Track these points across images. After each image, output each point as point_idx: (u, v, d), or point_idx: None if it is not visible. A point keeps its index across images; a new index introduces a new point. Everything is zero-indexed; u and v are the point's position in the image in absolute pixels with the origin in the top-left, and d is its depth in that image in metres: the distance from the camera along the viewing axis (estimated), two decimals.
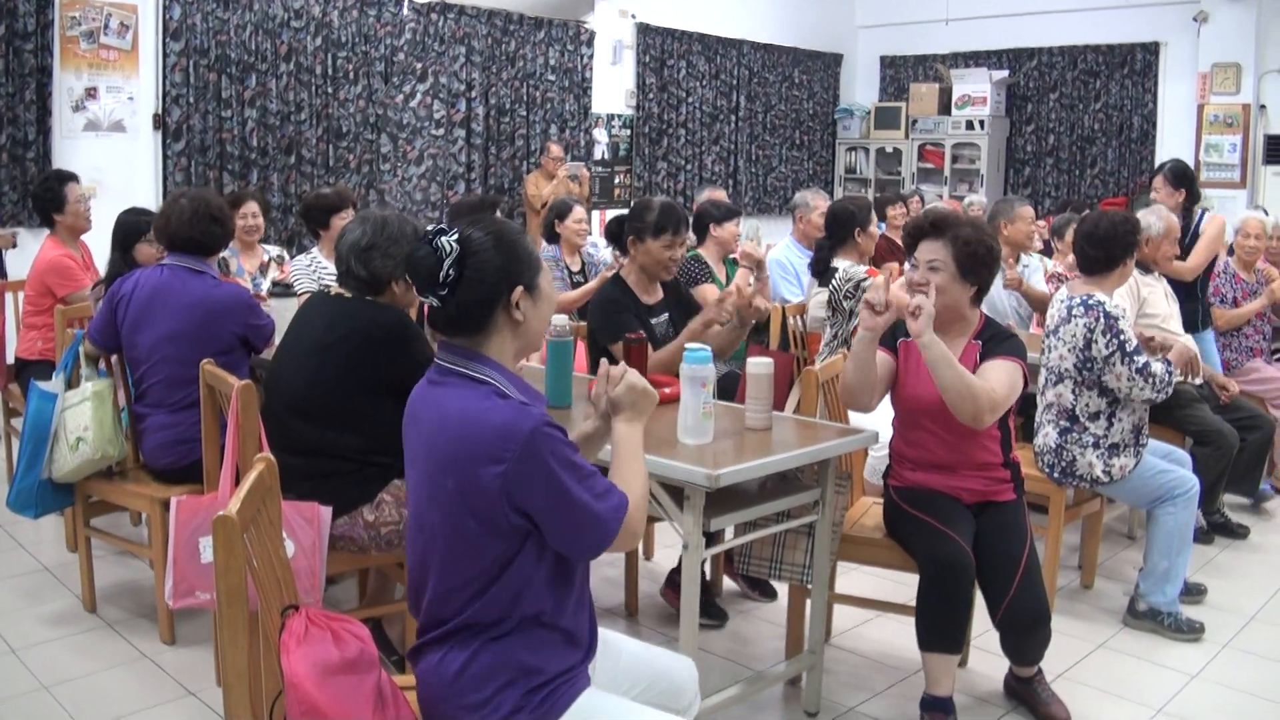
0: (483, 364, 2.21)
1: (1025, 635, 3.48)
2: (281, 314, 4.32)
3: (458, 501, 2.13)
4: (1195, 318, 5.84)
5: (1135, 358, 4.13)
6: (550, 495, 2.10)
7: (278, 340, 3.99)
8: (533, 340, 2.31)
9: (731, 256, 5.83)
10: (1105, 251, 4.33)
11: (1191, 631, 4.28)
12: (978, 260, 3.55)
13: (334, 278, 3.78)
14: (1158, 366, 4.18)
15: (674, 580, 4.35)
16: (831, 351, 5.11)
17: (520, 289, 2.22)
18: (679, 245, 4.32)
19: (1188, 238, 5.85)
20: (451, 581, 2.18)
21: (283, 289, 5.28)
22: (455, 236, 2.20)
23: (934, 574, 3.38)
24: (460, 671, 2.16)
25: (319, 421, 3.32)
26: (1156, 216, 5.32)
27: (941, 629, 3.38)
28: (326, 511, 3.15)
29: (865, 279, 5.18)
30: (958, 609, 3.39)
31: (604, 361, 2.52)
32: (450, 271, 2.17)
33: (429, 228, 2.26)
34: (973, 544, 3.42)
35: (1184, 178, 6.12)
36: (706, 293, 4.33)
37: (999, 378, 3.44)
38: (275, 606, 2.08)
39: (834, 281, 5.29)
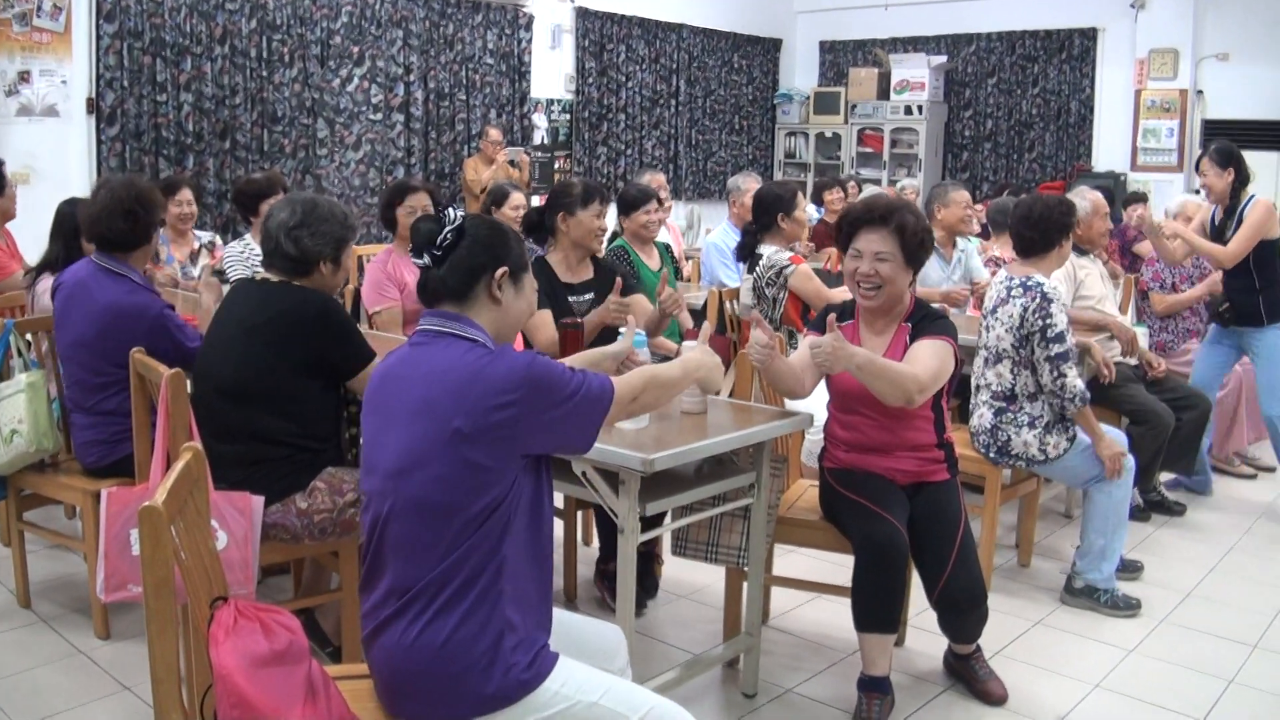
0: (471, 326, 2.37)
1: (962, 614, 3.51)
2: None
3: (468, 440, 2.22)
4: (1255, 309, 5.53)
5: (1052, 345, 4.17)
6: (559, 407, 2.32)
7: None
8: (508, 328, 2.47)
9: (664, 243, 5.77)
10: (1040, 233, 4.37)
11: (1128, 608, 4.34)
12: (921, 247, 3.57)
13: None
14: (1077, 383, 4.20)
15: (602, 570, 4.36)
16: None
17: (505, 270, 2.42)
18: (605, 215, 4.44)
19: (1234, 222, 5.51)
20: (445, 533, 2.22)
21: (216, 275, 5.22)
22: (462, 213, 2.44)
23: (869, 555, 3.39)
24: (450, 636, 2.21)
25: (248, 405, 3.28)
26: (1081, 196, 5.39)
27: (877, 610, 3.39)
28: (258, 501, 3.12)
29: (788, 266, 5.19)
30: (893, 590, 3.40)
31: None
32: (448, 236, 2.38)
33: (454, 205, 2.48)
34: (908, 525, 3.45)
35: (1231, 157, 5.65)
36: (638, 304, 4.29)
37: (926, 358, 3.45)
38: (204, 598, 2.06)
39: (758, 269, 5.30)
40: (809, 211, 9.03)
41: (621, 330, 3.28)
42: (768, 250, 5.31)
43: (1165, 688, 3.79)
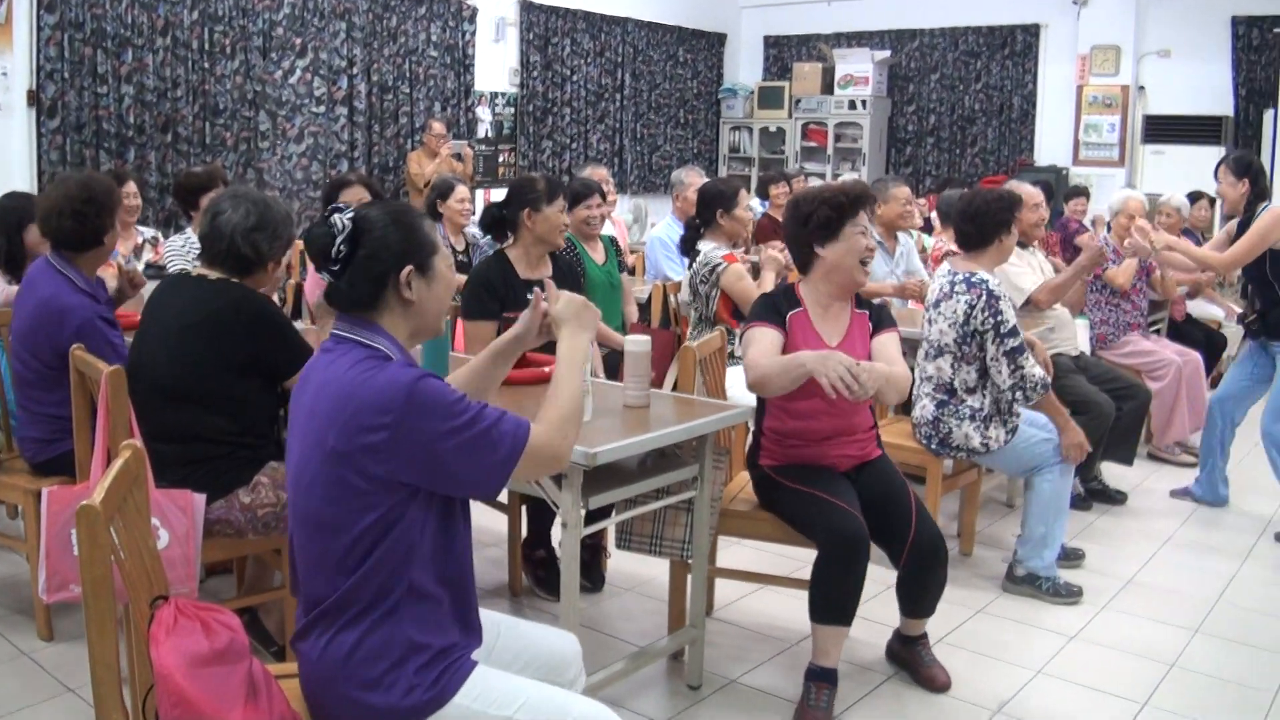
0: (376, 333, 2.25)
1: (930, 572, 3.58)
2: None
3: (341, 460, 2.12)
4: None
5: (1007, 339, 4.23)
6: (441, 440, 2.12)
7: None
8: (429, 321, 2.34)
9: (610, 236, 5.79)
10: (978, 228, 4.43)
11: (1069, 595, 4.40)
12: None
13: None
14: (1035, 370, 4.27)
15: (528, 556, 4.38)
16: (699, 334, 5.13)
17: (410, 269, 2.25)
18: (565, 210, 4.45)
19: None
20: (334, 548, 2.15)
21: (156, 271, 5.17)
22: (350, 215, 2.25)
23: (833, 549, 3.40)
24: (350, 652, 2.14)
25: (186, 404, 3.26)
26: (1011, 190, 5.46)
27: (838, 601, 3.41)
28: (200, 498, 3.10)
29: (720, 264, 5.20)
30: (857, 581, 3.42)
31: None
32: (342, 248, 2.22)
33: (331, 206, 2.30)
34: (861, 508, 3.50)
35: (1249, 168, 5.42)
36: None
37: (895, 352, 3.61)
38: (144, 598, 2.04)
39: (694, 265, 5.32)
40: (754, 206, 9.11)
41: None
42: (705, 247, 5.32)
43: (1107, 673, 3.85)
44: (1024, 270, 5.51)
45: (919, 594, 3.67)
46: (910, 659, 3.76)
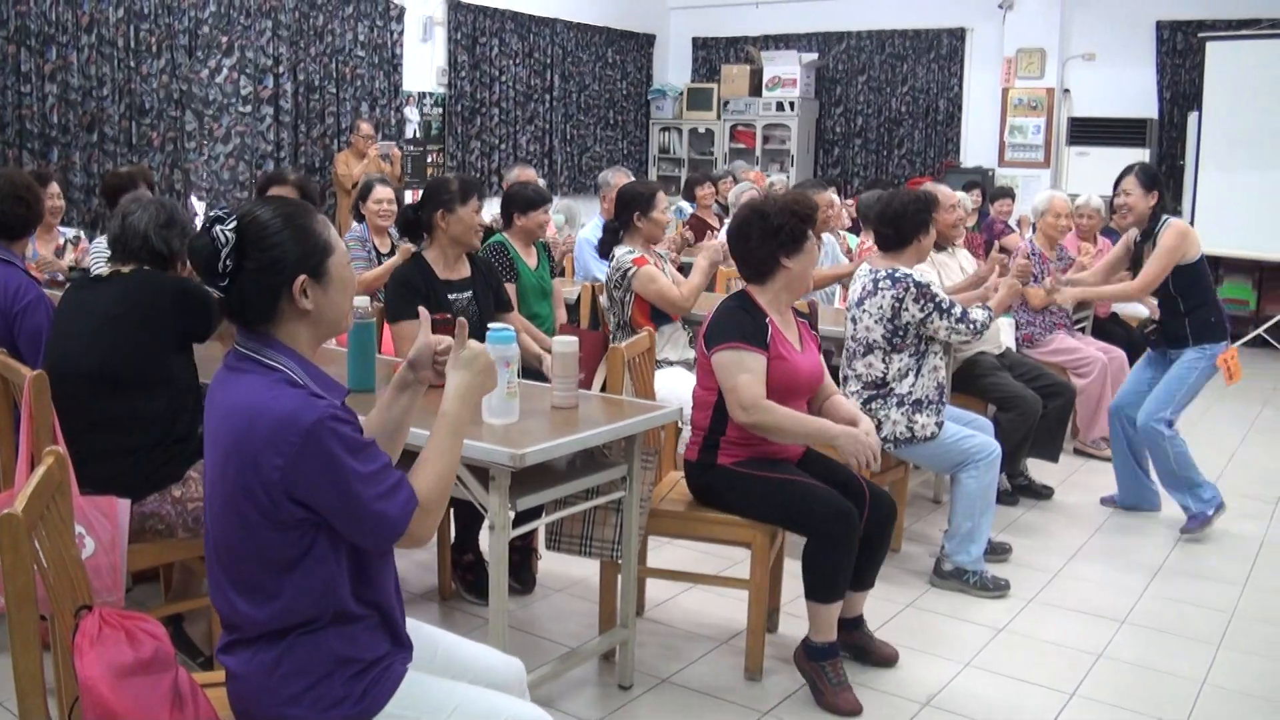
0: (276, 350, 2.11)
1: (886, 529, 3.73)
2: None
3: (240, 492, 2.03)
4: (1182, 332, 5.26)
5: (950, 311, 4.37)
6: (333, 492, 2.02)
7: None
8: (330, 327, 2.20)
9: (542, 240, 5.78)
10: (896, 229, 4.50)
11: (997, 588, 4.48)
12: None
13: None
14: (978, 313, 4.48)
15: (457, 562, 4.38)
16: (617, 340, 5.12)
17: (304, 278, 2.10)
18: (482, 210, 4.45)
19: (1150, 245, 5.25)
20: (249, 575, 2.10)
21: (79, 272, 5.10)
22: (233, 225, 2.08)
23: (830, 528, 3.51)
24: (274, 666, 2.10)
25: (120, 390, 3.30)
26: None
27: (837, 579, 3.55)
28: (124, 504, 3.08)
29: (631, 268, 5.17)
30: (852, 555, 3.57)
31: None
32: (228, 263, 2.07)
33: (211, 214, 2.14)
34: None
35: (1156, 180, 5.28)
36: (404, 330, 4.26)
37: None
38: (68, 608, 2.02)
39: (609, 269, 5.33)
40: (682, 206, 9.14)
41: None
42: (620, 251, 5.28)
43: (1035, 664, 3.92)
44: (934, 278, 5.58)
45: (873, 560, 3.76)
46: (862, 642, 3.87)
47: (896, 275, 4.36)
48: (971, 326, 4.42)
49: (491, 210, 6.78)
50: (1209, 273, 5.36)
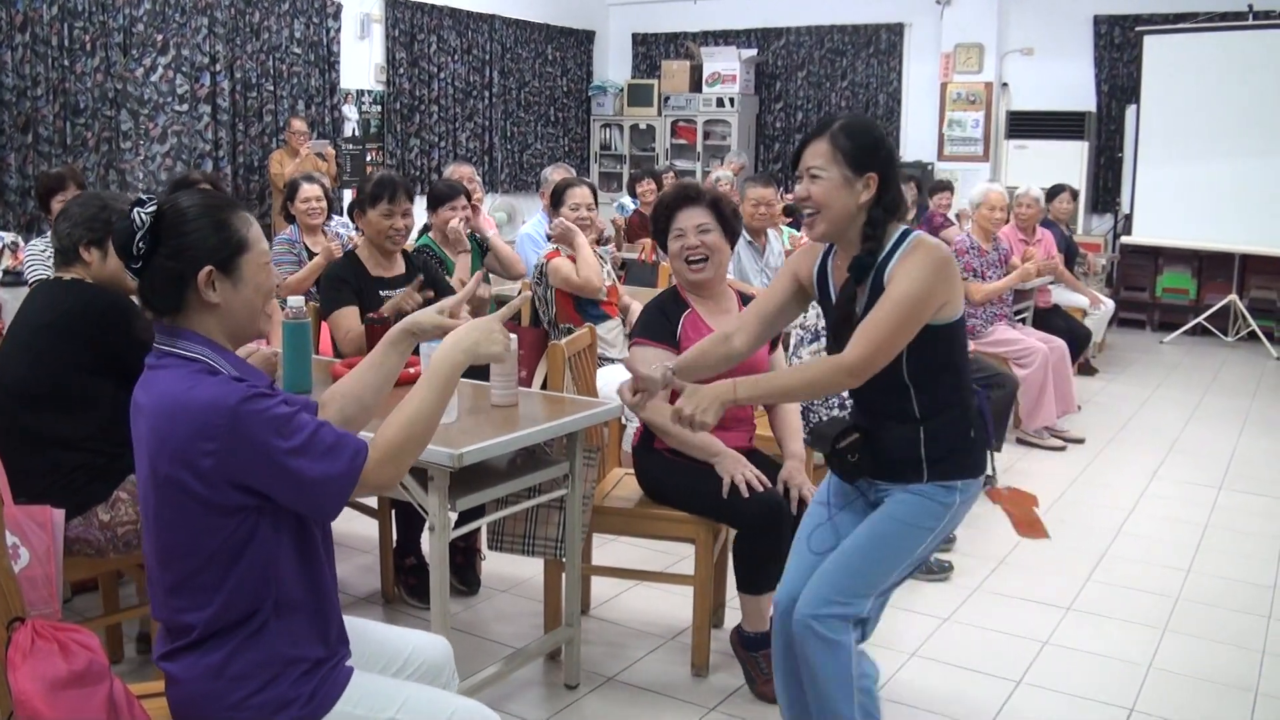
0: (190, 340, 2.10)
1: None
2: (10, 305, 4.11)
3: (175, 488, 2.02)
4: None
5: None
6: (270, 469, 2.01)
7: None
8: (239, 327, 2.17)
9: (477, 234, 5.76)
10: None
11: (940, 571, 4.52)
12: (735, 216, 3.88)
13: None
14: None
15: (399, 566, 4.36)
16: (553, 337, 5.15)
17: (210, 270, 2.08)
18: (398, 214, 4.38)
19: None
20: (189, 575, 2.07)
21: (13, 277, 5.02)
22: (152, 209, 2.07)
23: (759, 520, 3.50)
24: (219, 670, 2.08)
25: (40, 407, 3.20)
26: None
27: (768, 570, 3.47)
28: (59, 514, 3.00)
29: (543, 263, 5.24)
30: (784, 546, 3.44)
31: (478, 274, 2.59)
32: (141, 245, 2.05)
33: (137, 197, 2.12)
34: None
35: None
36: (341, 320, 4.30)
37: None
38: (0, 620, 1.99)
39: (532, 272, 5.38)
40: (625, 203, 9.14)
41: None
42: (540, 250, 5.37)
43: (981, 652, 3.96)
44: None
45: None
46: (752, 667, 3.66)
47: None
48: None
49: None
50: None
